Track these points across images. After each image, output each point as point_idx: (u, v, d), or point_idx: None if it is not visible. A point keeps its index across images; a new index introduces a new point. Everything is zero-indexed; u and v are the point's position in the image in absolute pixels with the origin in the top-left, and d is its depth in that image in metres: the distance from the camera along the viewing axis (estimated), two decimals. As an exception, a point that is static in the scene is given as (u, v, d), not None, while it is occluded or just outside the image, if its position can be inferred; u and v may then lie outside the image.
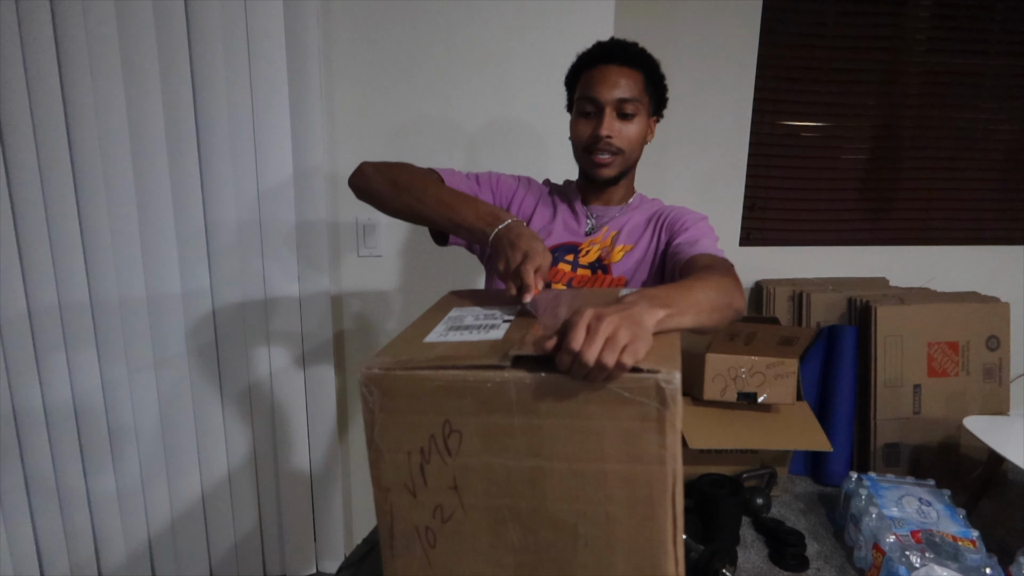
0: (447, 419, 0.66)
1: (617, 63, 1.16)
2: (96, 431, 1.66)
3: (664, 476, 0.60)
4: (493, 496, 0.67)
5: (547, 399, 0.61)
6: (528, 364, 0.63)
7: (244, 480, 1.83)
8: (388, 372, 0.66)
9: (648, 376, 0.58)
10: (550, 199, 1.33)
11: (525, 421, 0.63)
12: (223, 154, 1.60)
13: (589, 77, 1.17)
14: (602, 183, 1.24)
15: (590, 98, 1.16)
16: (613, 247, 1.23)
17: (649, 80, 1.20)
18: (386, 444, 0.69)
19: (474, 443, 0.65)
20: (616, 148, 1.17)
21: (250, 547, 1.88)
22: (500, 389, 0.62)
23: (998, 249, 2.65)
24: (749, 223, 2.54)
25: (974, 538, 1.53)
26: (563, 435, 0.62)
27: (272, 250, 1.69)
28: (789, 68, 2.43)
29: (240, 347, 1.72)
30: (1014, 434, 1.78)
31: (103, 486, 1.70)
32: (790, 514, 1.83)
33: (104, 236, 1.56)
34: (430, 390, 0.65)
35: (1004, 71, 2.52)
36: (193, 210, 1.62)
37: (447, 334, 0.75)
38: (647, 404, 0.58)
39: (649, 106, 1.22)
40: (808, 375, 2.14)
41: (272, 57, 1.57)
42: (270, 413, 1.80)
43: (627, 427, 0.59)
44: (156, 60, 1.52)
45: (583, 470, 0.63)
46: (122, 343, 1.62)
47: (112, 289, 1.59)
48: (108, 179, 1.54)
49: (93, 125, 1.49)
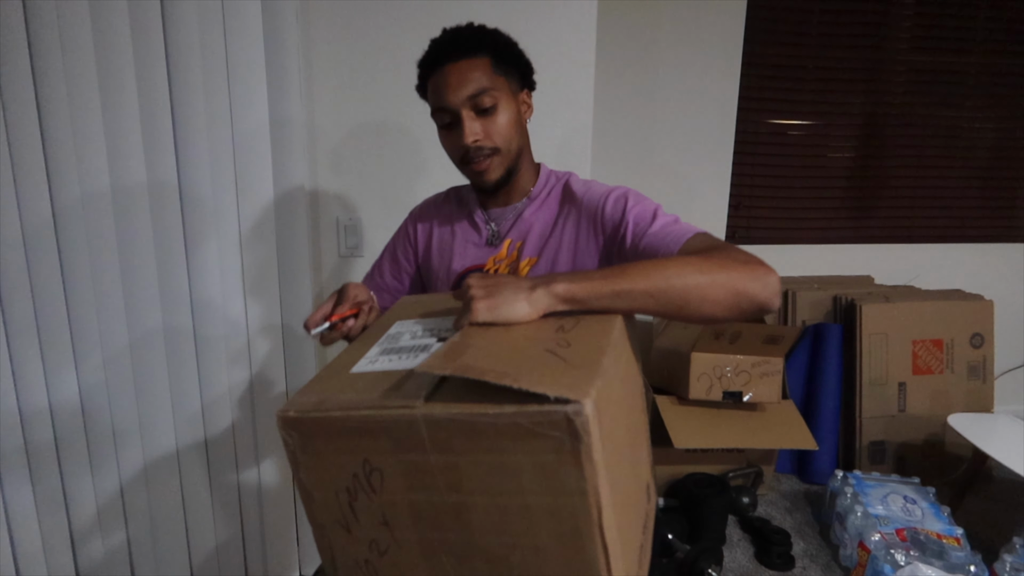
0: (366, 458, 0.64)
1: (454, 59, 1.04)
2: (73, 432, 1.63)
3: (588, 507, 0.57)
4: (423, 530, 0.66)
5: (460, 436, 0.59)
6: (448, 394, 0.61)
7: (225, 483, 1.80)
8: (303, 415, 0.65)
9: (556, 409, 0.54)
10: (446, 217, 1.25)
11: (441, 459, 0.61)
12: (201, 155, 1.58)
13: (434, 85, 1.07)
14: (494, 189, 1.14)
15: (442, 108, 1.06)
16: (519, 262, 1.14)
17: (497, 60, 1.07)
18: (313, 484, 0.69)
19: (396, 481, 0.64)
20: (489, 148, 1.06)
21: (232, 551, 1.85)
22: (411, 428, 0.60)
23: (982, 247, 2.67)
24: (735, 222, 2.54)
25: (959, 536, 1.53)
26: (481, 471, 0.60)
27: (253, 249, 1.66)
28: (774, 66, 2.44)
29: (220, 348, 1.70)
30: (998, 432, 1.78)
31: (81, 488, 1.67)
32: (776, 513, 1.83)
33: (80, 239, 1.53)
34: (345, 431, 0.64)
35: (987, 69, 2.53)
36: (171, 211, 1.60)
37: (377, 360, 0.74)
38: (558, 437, 0.55)
39: (509, 85, 1.09)
40: (793, 373, 2.14)
41: (250, 61, 1.55)
42: (251, 413, 1.77)
43: (542, 461, 0.56)
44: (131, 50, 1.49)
45: (506, 504, 0.60)
46: (97, 338, 1.59)
47: (89, 297, 1.56)
48: (83, 186, 1.51)
49: (68, 123, 1.47)
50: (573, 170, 1.24)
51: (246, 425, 1.77)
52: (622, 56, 2.36)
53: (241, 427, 1.77)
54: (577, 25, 1.74)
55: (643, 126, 2.44)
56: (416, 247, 1.28)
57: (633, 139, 2.45)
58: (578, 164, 1.78)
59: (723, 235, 2.55)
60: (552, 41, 1.71)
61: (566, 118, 1.76)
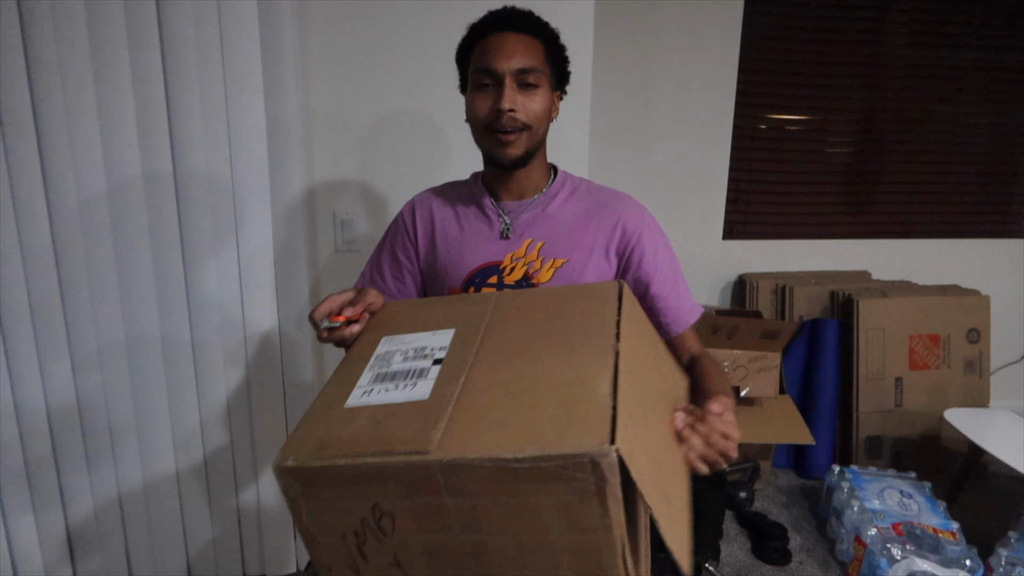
0: (375, 503, 0.62)
1: (513, 30, 1.04)
2: (70, 429, 1.62)
3: (612, 542, 0.56)
4: (438, 569, 0.64)
5: (477, 481, 0.57)
6: (460, 430, 0.60)
7: (222, 477, 1.80)
8: (304, 464, 0.62)
9: (581, 452, 0.53)
10: (450, 208, 1.19)
11: (457, 501, 0.59)
12: (197, 151, 1.57)
13: (484, 47, 1.04)
14: (509, 166, 1.08)
15: (487, 69, 1.02)
16: (541, 263, 1.10)
17: (549, 49, 1.07)
18: (317, 529, 0.65)
19: (408, 523, 0.62)
20: (521, 123, 1.03)
21: (229, 547, 1.85)
22: (425, 473, 0.58)
23: (979, 242, 2.67)
24: (732, 217, 2.54)
25: (954, 530, 1.54)
26: (499, 512, 0.58)
27: (248, 248, 1.66)
28: (772, 62, 2.44)
29: (216, 344, 1.69)
30: (994, 427, 1.79)
31: (77, 483, 1.67)
32: (773, 507, 1.84)
33: (76, 236, 1.53)
34: (351, 478, 0.61)
35: (985, 65, 2.54)
36: (167, 206, 1.59)
37: (371, 390, 0.70)
38: (584, 479, 0.54)
39: (552, 78, 1.08)
40: (791, 368, 2.14)
41: (246, 57, 1.55)
42: (247, 409, 1.77)
43: (565, 501, 0.55)
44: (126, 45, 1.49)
45: (526, 543, 0.59)
46: (93, 334, 1.59)
47: (84, 293, 1.55)
48: (79, 185, 1.50)
49: (63, 125, 1.46)
50: (570, 166, 1.23)
51: (243, 422, 1.76)
52: (619, 51, 2.35)
53: (238, 424, 1.76)
54: (574, 20, 1.74)
55: (640, 121, 2.44)
56: (416, 243, 1.20)
57: (631, 135, 2.45)
58: (575, 160, 1.78)
59: (720, 230, 2.55)
60: (549, 36, 1.72)
61: (563, 113, 1.75)
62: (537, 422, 0.57)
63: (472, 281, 1.12)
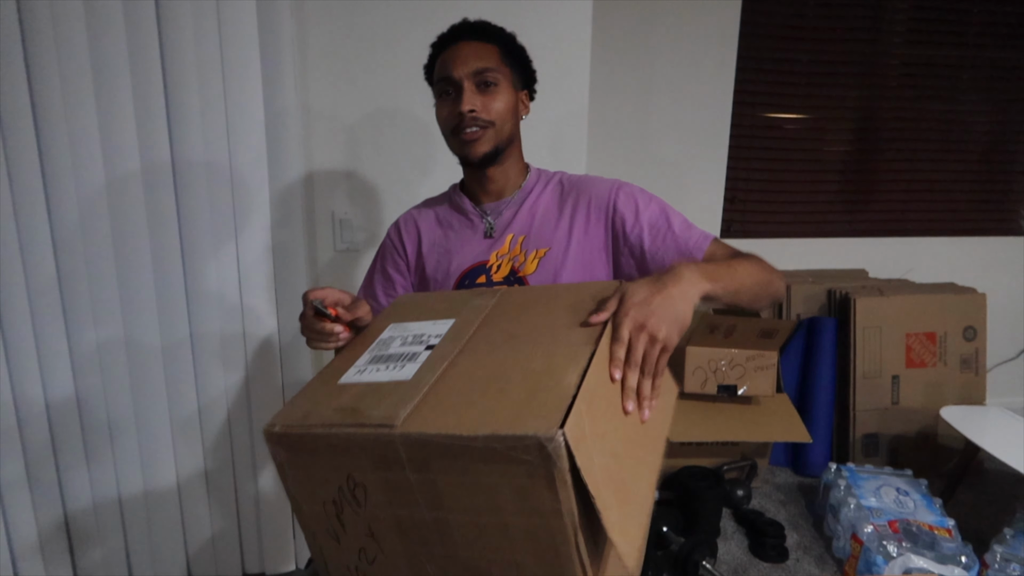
0: (349, 474, 0.66)
1: (468, 38, 1.10)
2: (69, 429, 1.63)
3: (564, 527, 0.58)
4: (407, 543, 0.67)
5: (436, 457, 0.60)
6: (430, 407, 0.63)
7: (222, 476, 1.81)
8: (288, 431, 0.67)
9: (528, 435, 0.54)
10: (433, 219, 1.23)
11: (420, 477, 0.62)
12: (196, 150, 1.58)
13: (443, 60, 1.10)
14: (479, 163, 1.11)
15: (446, 78, 1.08)
16: (525, 255, 1.13)
17: (505, 51, 1.11)
18: (301, 496, 0.71)
19: (378, 496, 0.65)
20: (484, 121, 1.07)
21: (228, 544, 1.86)
22: (389, 448, 0.61)
23: (975, 240, 2.68)
24: (730, 215, 2.55)
25: (950, 527, 1.55)
26: (458, 491, 0.61)
27: (248, 245, 1.66)
28: (769, 60, 2.44)
29: (215, 342, 1.70)
30: (989, 424, 1.80)
31: (77, 482, 1.67)
32: (770, 505, 1.85)
33: (75, 233, 1.53)
34: (327, 448, 0.65)
35: (981, 63, 2.54)
36: (166, 206, 1.59)
37: (365, 369, 0.75)
38: (532, 461, 0.55)
39: (512, 78, 1.12)
40: (788, 367, 2.15)
41: (246, 51, 1.55)
42: (247, 408, 1.77)
43: (518, 483, 0.57)
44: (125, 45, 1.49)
45: (484, 523, 0.62)
46: (93, 332, 1.59)
47: (84, 290, 1.56)
48: (78, 182, 1.51)
49: (62, 122, 1.46)
50: (568, 164, 1.24)
51: (242, 419, 1.77)
52: (617, 51, 2.36)
53: (237, 421, 1.77)
54: (572, 20, 1.74)
55: (638, 121, 2.44)
56: (407, 257, 1.24)
57: (628, 134, 2.45)
58: (573, 159, 1.79)
59: (718, 228, 2.55)
60: (547, 36, 1.71)
61: (561, 113, 1.76)
62: (500, 406, 0.60)
63: (462, 283, 1.15)
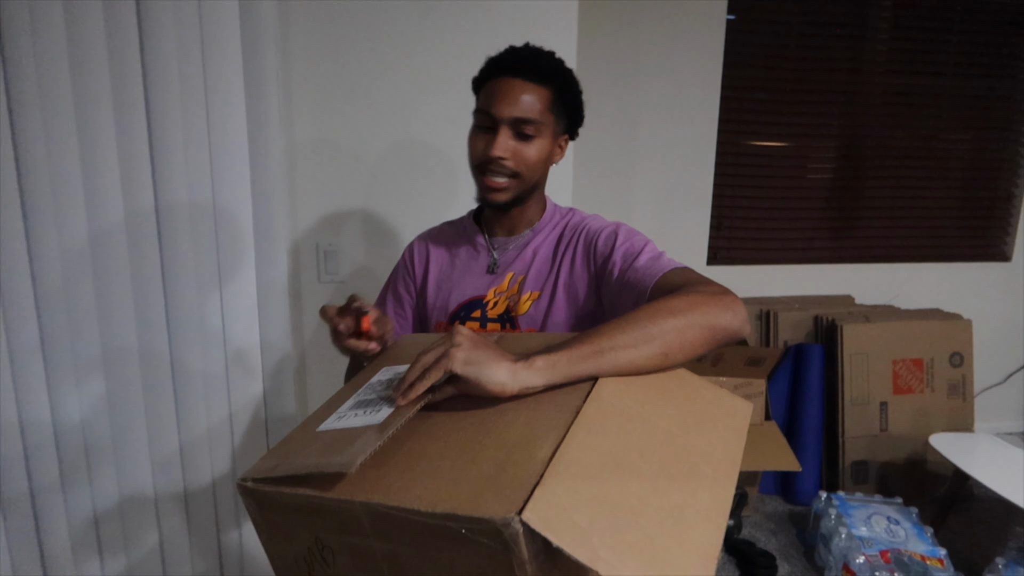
0: (317, 536, 0.65)
1: (522, 76, 1.03)
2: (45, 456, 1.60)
3: None
4: None
5: (398, 529, 0.59)
6: (395, 471, 0.62)
7: (203, 513, 1.78)
8: (257, 487, 0.66)
9: (486, 517, 0.52)
10: (446, 246, 1.22)
11: (383, 546, 0.61)
12: (178, 179, 1.57)
13: (490, 89, 1.05)
14: (498, 209, 1.10)
15: (487, 112, 1.03)
16: (520, 295, 1.11)
17: (558, 97, 1.07)
18: (274, 550, 0.71)
19: (345, 559, 0.64)
20: (511, 171, 1.04)
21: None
22: (352, 514, 0.61)
23: (960, 266, 2.70)
24: (716, 242, 2.56)
25: (942, 557, 1.53)
26: (419, 563, 0.60)
27: (231, 277, 1.65)
28: (753, 88, 2.47)
29: (196, 372, 1.68)
30: (978, 451, 1.80)
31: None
32: (761, 535, 1.83)
33: (54, 258, 1.51)
34: (294, 508, 0.64)
35: (962, 91, 2.59)
36: (147, 234, 1.58)
37: (344, 415, 0.73)
38: (490, 545, 0.53)
39: (555, 126, 1.08)
40: (776, 394, 2.15)
41: (229, 81, 1.55)
42: (229, 441, 1.75)
43: (477, 563, 0.55)
44: (109, 86, 1.49)
45: None
46: (71, 358, 1.57)
47: (62, 319, 1.54)
48: (57, 207, 1.49)
49: (40, 130, 1.45)
50: (553, 194, 1.23)
51: (224, 450, 1.74)
52: (602, 79, 2.38)
53: (218, 452, 1.74)
54: (556, 49, 1.76)
55: (624, 148, 2.46)
56: (415, 278, 1.23)
57: (614, 161, 2.47)
58: (559, 187, 1.79)
59: (704, 255, 2.56)
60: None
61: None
62: (465, 479, 0.57)
63: (457, 315, 1.13)
